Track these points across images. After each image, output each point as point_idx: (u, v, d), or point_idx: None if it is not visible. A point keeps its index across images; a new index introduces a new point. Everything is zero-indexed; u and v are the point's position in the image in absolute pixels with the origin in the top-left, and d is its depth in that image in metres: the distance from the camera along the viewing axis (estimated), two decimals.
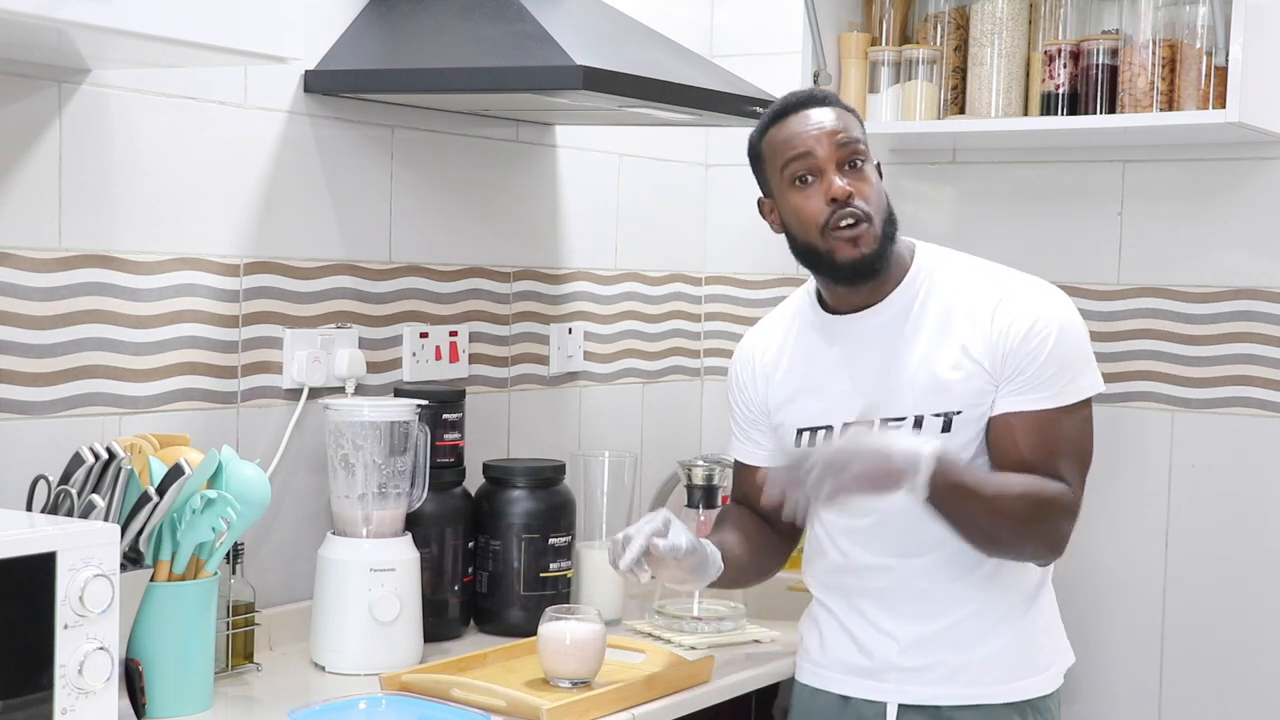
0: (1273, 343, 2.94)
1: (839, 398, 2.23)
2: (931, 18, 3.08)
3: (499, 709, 2.19)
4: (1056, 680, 2.28)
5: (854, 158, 2.18)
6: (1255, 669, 2.97)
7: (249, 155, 2.50)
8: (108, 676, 1.83)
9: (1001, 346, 2.15)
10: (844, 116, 2.21)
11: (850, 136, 2.18)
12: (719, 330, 3.49)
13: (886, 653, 2.24)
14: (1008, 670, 2.22)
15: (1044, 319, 2.16)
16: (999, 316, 2.16)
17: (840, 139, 2.18)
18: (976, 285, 2.21)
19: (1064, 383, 2.15)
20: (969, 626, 2.22)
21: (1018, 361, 2.15)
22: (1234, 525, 2.99)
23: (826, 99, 2.23)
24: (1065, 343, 2.16)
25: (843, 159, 2.17)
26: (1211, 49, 2.76)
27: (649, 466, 3.27)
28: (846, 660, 2.29)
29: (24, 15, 1.74)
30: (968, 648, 2.20)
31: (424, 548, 2.54)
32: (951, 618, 2.21)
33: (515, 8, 2.48)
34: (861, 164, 2.18)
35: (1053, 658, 2.29)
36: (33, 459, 2.17)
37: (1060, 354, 2.15)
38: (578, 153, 3.15)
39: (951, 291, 2.21)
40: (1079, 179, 3.11)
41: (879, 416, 2.16)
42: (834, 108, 2.21)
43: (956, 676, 2.22)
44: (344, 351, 2.63)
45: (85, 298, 2.27)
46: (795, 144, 2.18)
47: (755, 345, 2.36)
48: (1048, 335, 2.15)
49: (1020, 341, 2.14)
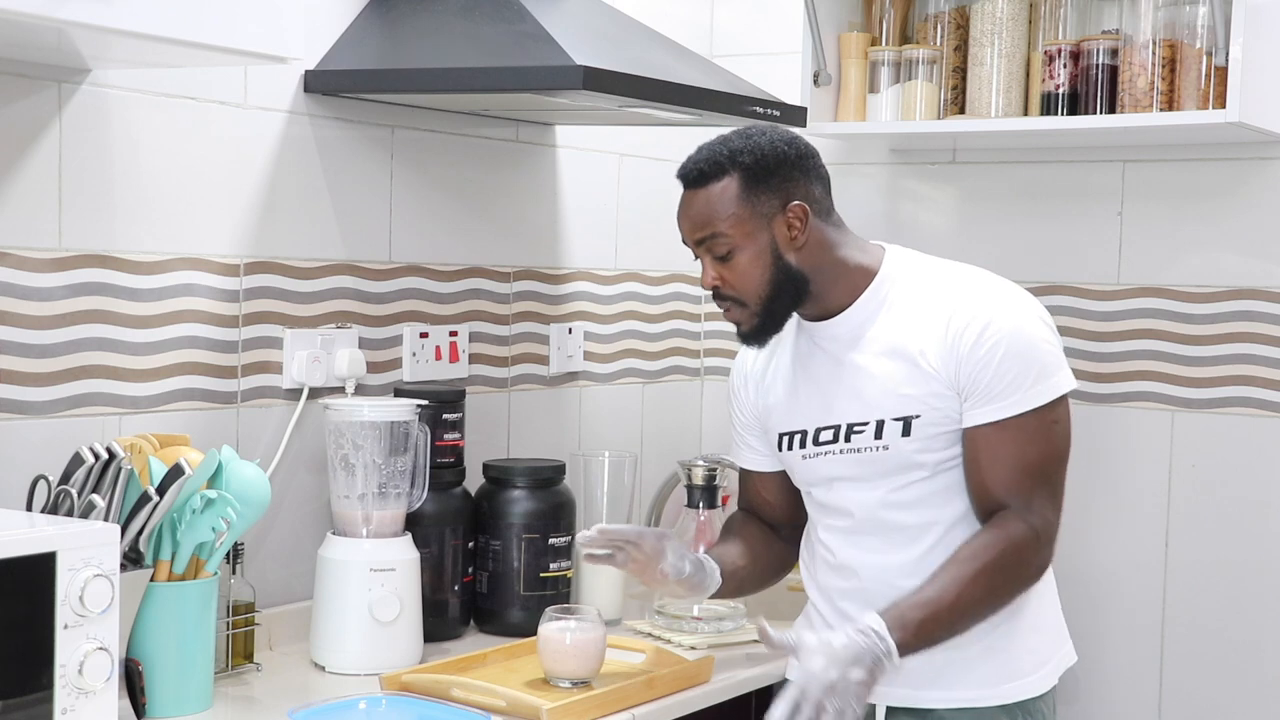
0: (1273, 343, 2.94)
1: (808, 402, 2.25)
2: (931, 18, 3.08)
3: (499, 709, 2.20)
4: (1048, 681, 2.26)
5: (715, 250, 2.17)
6: (1255, 669, 2.97)
7: (249, 155, 2.50)
8: (108, 676, 1.84)
9: (955, 354, 2.14)
10: (711, 203, 2.16)
11: (708, 233, 2.16)
12: (719, 330, 3.49)
13: None
14: (994, 672, 2.21)
15: (994, 324, 2.13)
16: (952, 324, 2.15)
17: (698, 237, 2.18)
18: (933, 292, 2.20)
19: (1024, 389, 2.13)
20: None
21: (971, 369, 2.13)
22: (1234, 525, 2.99)
23: (701, 175, 2.17)
24: (1018, 348, 2.13)
25: (703, 251, 2.19)
26: (1211, 49, 2.76)
27: (649, 466, 3.27)
28: None
29: (24, 15, 1.74)
30: (950, 649, 2.18)
31: (424, 548, 2.54)
32: None
33: (515, 8, 2.48)
34: (730, 254, 2.16)
35: (1045, 658, 2.26)
36: (33, 459, 2.17)
37: (1015, 359, 2.13)
38: (578, 153, 3.15)
39: (911, 298, 2.20)
40: (1079, 179, 3.11)
41: (845, 422, 2.20)
42: (705, 189, 2.17)
43: (942, 678, 2.21)
44: (344, 351, 2.63)
45: (85, 297, 2.27)
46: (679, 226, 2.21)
47: (747, 353, 2.36)
48: (999, 341, 2.12)
49: (971, 349, 2.13)
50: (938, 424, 2.17)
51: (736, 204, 2.16)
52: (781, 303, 2.19)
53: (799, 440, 2.26)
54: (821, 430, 2.23)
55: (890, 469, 2.19)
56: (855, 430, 2.20)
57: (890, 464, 2.19)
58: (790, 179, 2.16)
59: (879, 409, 2.18)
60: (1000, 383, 2.13)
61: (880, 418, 2.18)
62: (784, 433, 2.29)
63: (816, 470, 2.26)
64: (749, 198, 2.15)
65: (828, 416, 2.23)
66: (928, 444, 2.17)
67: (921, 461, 2.18)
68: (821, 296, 2.21)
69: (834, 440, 2.22)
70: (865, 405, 2.19)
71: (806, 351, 2.27)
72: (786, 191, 2.16)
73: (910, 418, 2.17)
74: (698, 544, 2.78)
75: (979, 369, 2.13)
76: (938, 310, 2.18)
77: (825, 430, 2.23)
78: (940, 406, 2.16)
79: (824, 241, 2.19)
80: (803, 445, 2.26)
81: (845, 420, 2.21)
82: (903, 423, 2.17)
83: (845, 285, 2.21)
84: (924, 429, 2.17)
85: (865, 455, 2.20)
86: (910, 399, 2.17)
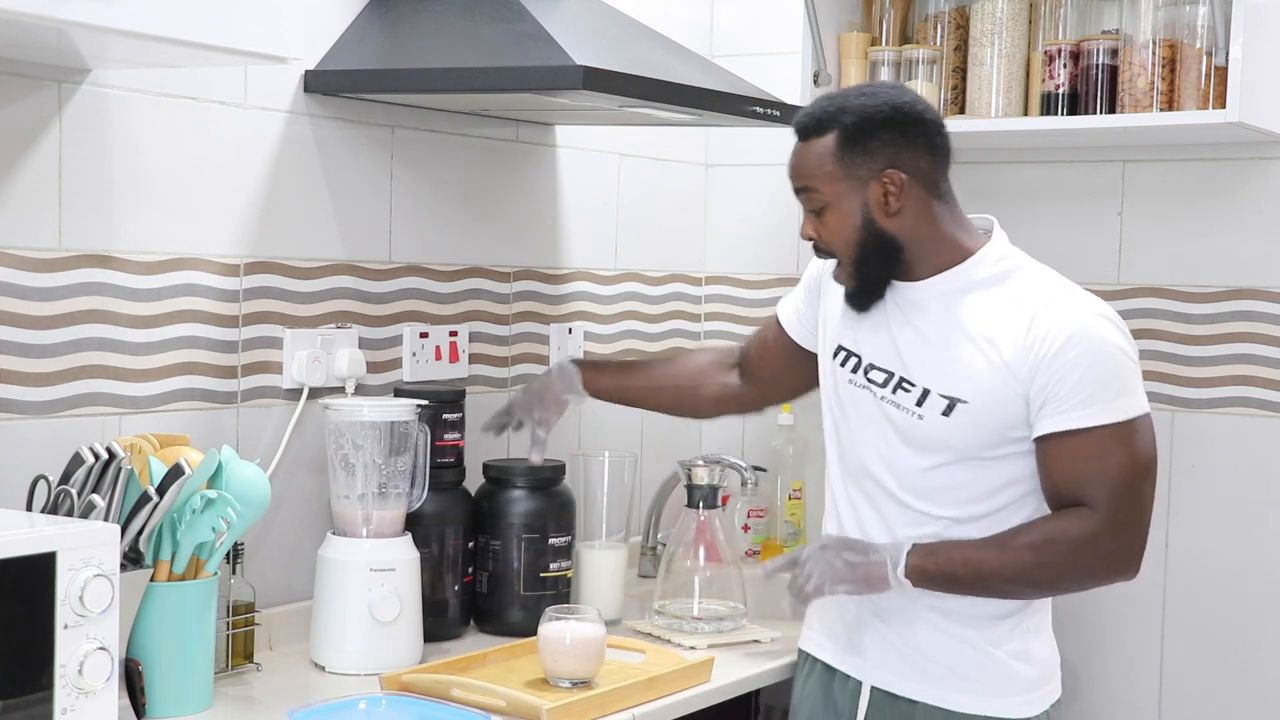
0: (1273, 343, 2.94)
1: (873, 337, 2.26)
2: (931, 18, 3.08)
3: (499, 709, 2.19)
4: (1031, 708, 2.25)
5: (810, 204, 2.20)
6: (1255, 669, 2.97)
7: (249, 155, 2.50)
8: (108, 676, 1.83)
9: (1033, 356, 2.13)
10: (809, 157, 2.19)
11: (804, 185, 2.20)
12: (719, 330, 3.49)
13: (864, 630, 2.29)
14: (983, 684, 2.23)
15: (1080, 335, 2.12)
16: (1035, 325, 2.14)
17: (795, 188, 2.22)
18: (1023, 289, 2.20)
19: (1105, 401, 2.11)
20: (929, 634, 2.25)
21: (1049, 376, 2.12)
22: (1234, 525, 2.99)
23: (806, 128, 2.20)
24: (1100, 361, 2.12)
25: (806, 205, 2.22)
26: (1211, 49, 2.76)
27: (649, 466, 3.27)
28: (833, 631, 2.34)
29: (24, 15, 1.74)
30: (933, 653, 2.24)
31: (424, 548, 2.54)
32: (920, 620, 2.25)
33: (515, 8, 2.47)
34: (823, 210, 2.19)
35: (1031, 685, 2.26)
36: (33, 459, 2.17)
37: (1097, 371, 2.12)
38: (578, 153, 3.15)
39: (998, 288, 2.20)
40: (1079, 179, 3.11)
41: (899, 374, 2.22)
42: (808, 142, 2.20)
43: (924, 674, 2.24)
44: (344, 351, 2.63)
45: (85, 298, 2.27)
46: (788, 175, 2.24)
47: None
48: (1083, 353, 2.11)
49: (1053, 356, 2.12)
50: (979, 415, 2.15)
51: (832, 162, 2.17)
52: (871, 266, 2.20)
53: (854, 364, 2.28)
54: (874, 368, 2.25)
55: (916, 439, 2.20)
56: (903, 386, 2.21)
57: (918, 434, 2.19)
58: (892, 145, 2.15)
59: (929, 379, 2.19)
60: (1079, 394, 2.11)
61: (928, 388, 2.19)
62: (845, 348, 2.30)
63: (854, 399, 2.28)
64: (845, 158, 2.16)
65: (885, 360, 2.24)
66: (964, 434, 2.16)
67: (950, 445, 2.17)
68: (914, 265, 2.21)
69: (882, 384, 2.23)
70: (920, 370, 2.20)
71: (888, 297, 2.26)
72: (886, 157, 2.15)
73: (957, 400, 2.17)
74: (697, 544, 2.78)
75: (1058, 377, 2.12)
76: (1022, 308, 2.16)
77: (878, 371, 2.24)
78: (994, 402, 2.15)
79: (925, 213, 2.18)
80: (854, 370, 2.28)
81: (899, 373, 2.22)
82: (948, 402, 2.17)
83: (939, 260, 2.21)
84: (966, 416, 2.16)
85: (899, 413, 2.21)
86: (964, 383, 2.16)
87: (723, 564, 2.78)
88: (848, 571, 2.18)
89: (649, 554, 3.20)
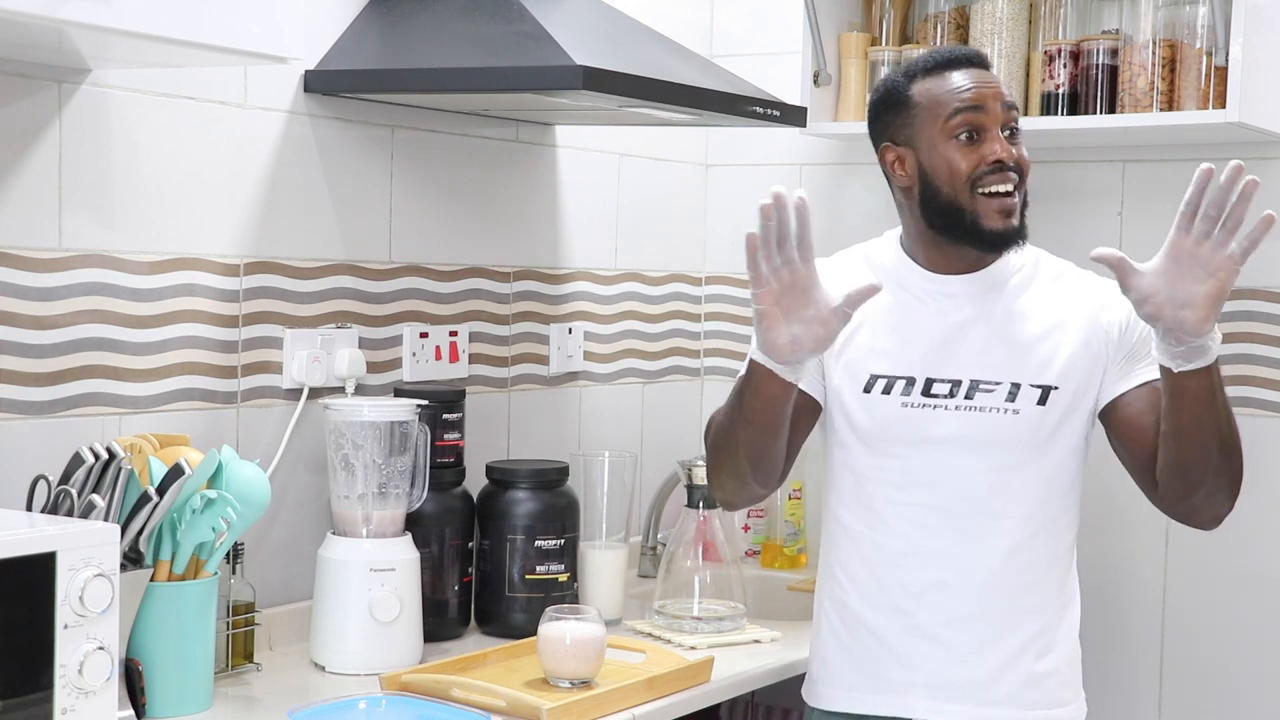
0: (1273, 343, 2.94)
1: (916, 348, 2.15)
2: (931, 18, 3.08)
3: (499, 709, 2.19)
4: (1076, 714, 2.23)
5: (1015, 125, 2.16)
6: (1255, 669, 2.97)
7: (249, 155, 2.50)
8: (108, 676, 1.84)
9: (1105, 318, 2.13)
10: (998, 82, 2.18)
11: (1014, 103, 2.18)
12: (719, 330, 3.49)
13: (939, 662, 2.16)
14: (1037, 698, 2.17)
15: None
16: (1092, 294, 2.16)
17: (1008, 102, 2.16)
18: (1055, 269, 2.22)
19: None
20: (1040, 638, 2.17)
21: (1136, 327, 2.10)
22: (1234, 525, 2.98)
23: (986, 60, 2.20)
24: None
25: (1006, 123, 2.15)
26: (1211, 49, 2.76)
27: (649, 466, 3.27)
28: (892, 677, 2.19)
29: (24, 15, 1.74)
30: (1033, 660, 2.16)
31: (424, 548, 2.54)
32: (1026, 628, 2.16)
33: (515, 8, 2.48)
34: (1017, 134, 2.16)
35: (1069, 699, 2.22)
36: (33, 459, 2.17)
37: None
38: (578, 153, 3.15)
39: (1062, 271, 2.22)
40: (1079, 179, 3.11)
41: (969, 377, 2.12)
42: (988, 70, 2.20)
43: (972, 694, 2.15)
44: (344, 351, 2.63)
45: (85, 298, 2.27)
46: (967, 98, 2.12)
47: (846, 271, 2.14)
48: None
49: (1127, 311, 2.07)
50: (1067, 398, 2.12)
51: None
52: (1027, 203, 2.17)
53: (902, 386, 2.14)
54: (935, 381, 2.13)
55: (1012, 439, 2.11)
56: (982, 388, 2.12)
57: (1015, 433, 2.11)
58: None
59: (1017, 372, 2.12)
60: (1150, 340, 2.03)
61: (1017, 380, 2.12)
62: (880, 375, 2.15)
63: (918, 425, 2.13)
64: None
65: (945, 368, 2.13)
66: (1057, 421, 2.12)
67: (1046, 438, 2.11)
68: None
69: (950, 395, 2.12)
70: (1002, 365, 2.13)
71: (921, 302, 2.18)
72: None
73: (1050, 388, 2.12)
74: (697, 544, 2.78)
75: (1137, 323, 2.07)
76: (1071, 284, 2.18)
77: (940, 383, 2.13)
78: (1079, 387, 2.12)
79: None
80: (906, 393, 2.14)
81: (969, 375, 2.13)
82: (1041, 390, 2.12)
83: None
84: (1059, 403, 2.12)
85: (989, 416, 2.11)
86: (1050, 369, 2.12)
87: (723, 564, 2.78)
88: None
89: (649, 554, 3.20)
